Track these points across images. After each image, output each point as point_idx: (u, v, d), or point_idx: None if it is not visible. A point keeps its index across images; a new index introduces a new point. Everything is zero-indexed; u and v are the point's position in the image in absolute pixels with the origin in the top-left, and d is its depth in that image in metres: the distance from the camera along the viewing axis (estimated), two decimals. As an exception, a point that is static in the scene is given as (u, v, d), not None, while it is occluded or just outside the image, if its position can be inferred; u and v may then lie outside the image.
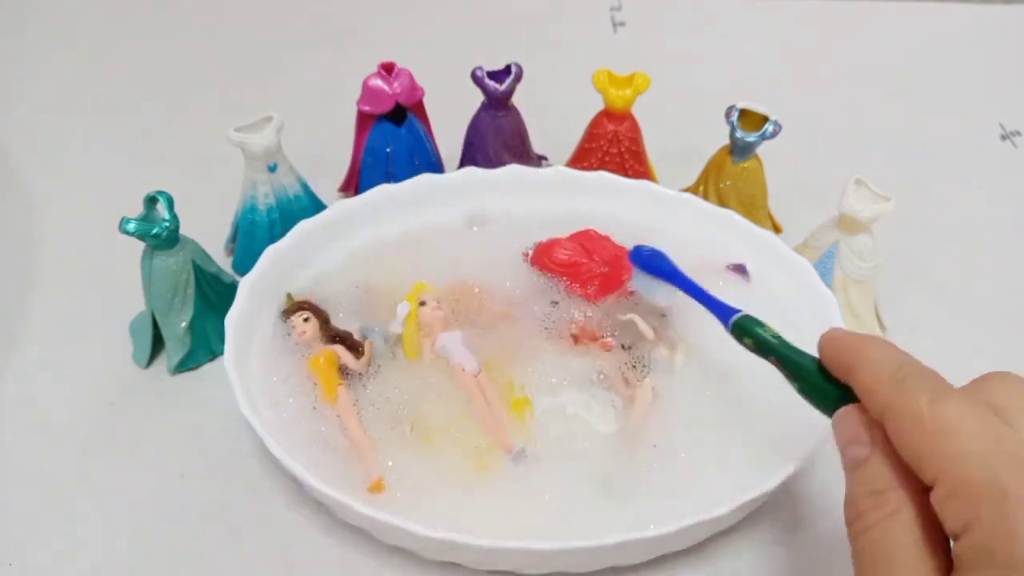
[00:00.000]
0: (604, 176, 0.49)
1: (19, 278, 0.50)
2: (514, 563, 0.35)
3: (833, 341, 0.29)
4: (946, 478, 0.23)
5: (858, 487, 0.26)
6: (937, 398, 0.24)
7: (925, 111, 0.66)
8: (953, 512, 0.23)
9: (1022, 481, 0.22)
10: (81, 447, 0.42)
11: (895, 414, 0.25)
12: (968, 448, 0.23)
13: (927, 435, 0.24)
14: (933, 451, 0.24)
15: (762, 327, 0.34)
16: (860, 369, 0.27)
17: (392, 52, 0.52)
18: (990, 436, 0.23)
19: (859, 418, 0.27)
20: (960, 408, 0.24)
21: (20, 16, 0.74)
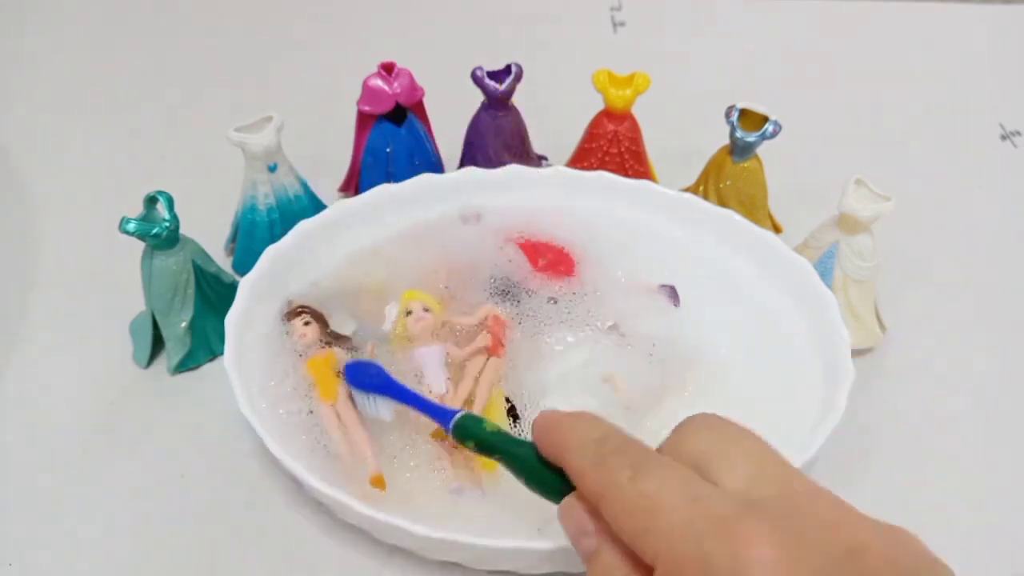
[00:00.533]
0: (604, 176, 0.49)
1: (19, 278, 0.50)
2: (514, 563, 0.35)
3: (543, 423, 0.29)
4: (661, 558, 0.23)
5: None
6: (637, 473, 0.24)
7: (925, 111, 0.66)
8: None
9: (722, 546, 0.22)
10: (81, 447, 0.42)
11: (603, 498, 0.25)
12: (672, 521, 0.23)
13: (635, 515, 0.24)
14: (642, 532, 0.23)
15: (482, 424, 0.32)
16: (567, 451, 0.27)
17: (392, 52, 0.52)
18: (690, 501, 0.23)
19: (582, 507, 0.26)
20: (659, 479, 0.24)
21: (20, 16, 0.74)
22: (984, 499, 0.41)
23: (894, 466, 0.41)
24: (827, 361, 0.40)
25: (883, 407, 0.44)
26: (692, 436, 0.26)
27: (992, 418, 0.44)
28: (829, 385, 0.39)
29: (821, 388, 0.40)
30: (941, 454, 0.42)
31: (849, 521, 0.23)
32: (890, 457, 0.42)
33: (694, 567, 0.22)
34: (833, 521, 0.23)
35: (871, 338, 0.46)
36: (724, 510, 0.23)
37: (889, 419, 0.44)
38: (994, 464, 0.42)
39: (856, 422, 0.41)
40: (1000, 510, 0.40)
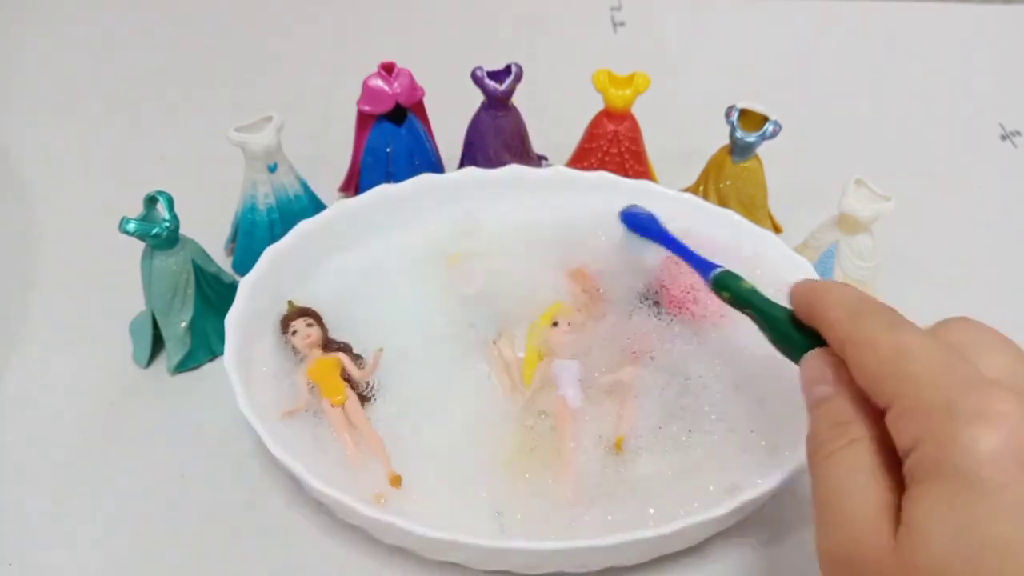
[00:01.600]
0: (604, 176, 0.49)
1: (19, 278, 0.50)
2: (514, 563, 0.35)
3: (802, 287, 0.30)
4: (899, 400, 0.24)
5: (821, 422, 0.27)
6: (893, 327, 0.26)
7: (925, 111, 0.66)
8: (903, 430, 0.24)
9: (969, 399, 0.22)
10: (81, 447, 0.42)
11: (854, 344, 0.26)
12: (920, 370, 0.24)
13: (883, 361, 0.25)
14: (888, 375, 0.25)
15: (739, 281, 0.35)
16: (822, 306, 0.28)
17: (392, 52, 0.52)
18: (941, 361, 0.24)
19: (824, 360, 0.28)
20: (914, 336, 0.25)
21: (20, 16, 0.74)
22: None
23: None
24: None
25: (883, 407, 0.44)
26: (950, 327, 0.27)
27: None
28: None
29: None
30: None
31: None
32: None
33: (934, 409, 0.23)
34: None
35: (871, 338, 0.46)
36: (975, 375, 0.24)
37: (889, 419, 0.44)
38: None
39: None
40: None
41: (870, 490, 0.24)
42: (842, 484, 0.25)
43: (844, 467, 0.25)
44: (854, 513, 0.24)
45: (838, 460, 0.25)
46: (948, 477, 0.22)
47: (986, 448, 0.21)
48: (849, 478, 0.25)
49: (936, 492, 0.22)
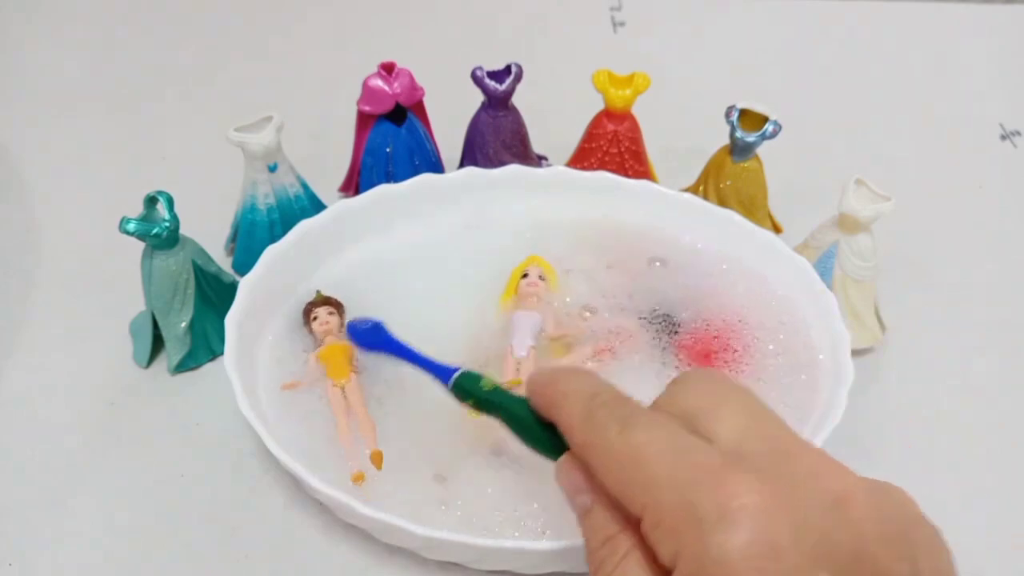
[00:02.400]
0: (604, 176, 0.49)
1: (19, 278, 0.50)
2: (514, 563, 0.35)
3: (535, 380, 0.28)
4: (647, 509, 0.23)
5: (591, 536, 0.25)
6: (625, 426, 0.24)
7: (925, 111, 0.66)
8: (660, 544, 0.23)
9: (710, 495, 0.22)
10: (81, 447, 0.42)
11: (591, 451, 0.25)
12: (659, 472, 0.23)
13: (622, 468, 0.24)
14: (629, 482, 0.24)
15: (479, 381, 0.32)
16: (559, 408, 0.27)
17: (392, 52, 0.52)
18: (678, 452, 0.23)
19: (576, 465, 0.26)
20: (647, 431, 0.24)
21: (20, 16, 0.74)
22: (985, 499, 0.41)
23: (894, 466, 0.41)
24: (827, 361, 0.40)
25: (883, 407, 0.44)
26: (685, 391, 0.26)
27: (992, 418, 0.44)
28: (829, 385, 0.39)
29: (821, 388, 0.40)
30: (941, 454, 0.42)
31: (837, 473, 0.23)
32: (890, 457, 0.42)
33: (679, 516, 0.22)
34: (820, 472, 0.23)
35: (871, 338, 0.46)
36: (710, 461, 0.23)
37: (889, 419, 0.44)
38: (994, 464, 0.42)
39: (856, 422, 0.41)
40: (1001, 510, 0.40)
41: None
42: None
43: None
44: None
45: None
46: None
47: (736, 554, 0.21)
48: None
49: None
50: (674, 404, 0.26)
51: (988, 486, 0.41)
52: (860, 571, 0.21)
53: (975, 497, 0.41)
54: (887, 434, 0.43)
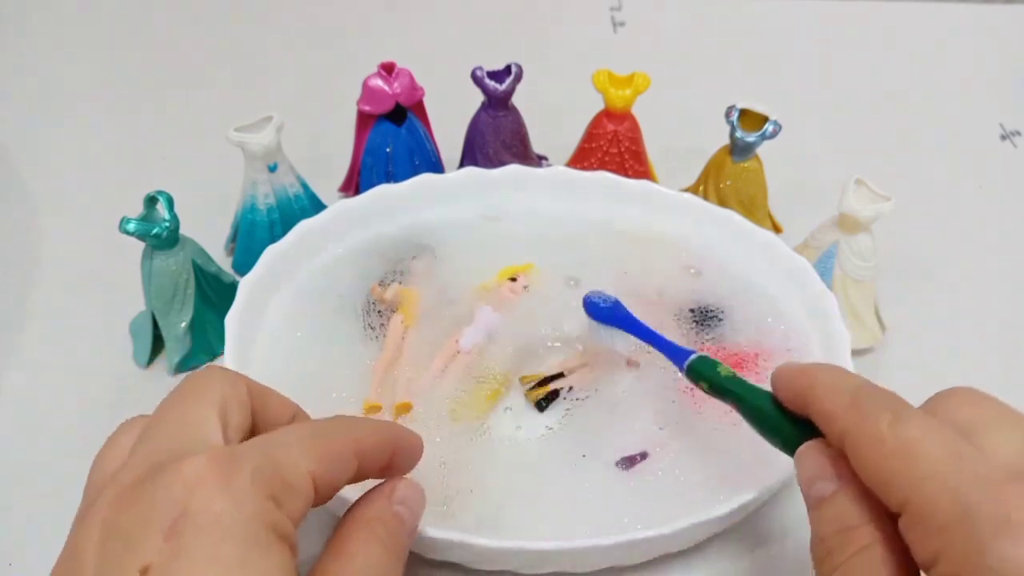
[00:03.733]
0: (604, 176, 0.49)
1: (19, 278, 0.50)
2: (514, 563, 0.35)
3: (785, 372, 0.28)
4: (912, 504, 0.22)
5: (826, 524, 0.25)
6: (898, 418, 0.24)
7: (925, 111, 0.66)
8: (921, 541, 0.22)
9: (990, 503, 0.21)
10: (81, 447, 0.41)
11: (856, 438, 0.24)
12: (932, 470, 0.22)
13: (890, 458, 0.23)
14: (897, 474, 0.23)
15: (716, 368, 0.32)
16: (816, 396, 0.26)
17: (392, 52, 0.52)
18: (954, 456, 0.22)
19: (822, 453, 0.26)
20: (922, 428, 0.23)
21: (20, 16, 0.74)
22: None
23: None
24: (827, 361, 0.40)
25: (883, 407, 0.44)
26: (954, 403, 0.25)
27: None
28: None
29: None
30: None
31: None
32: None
33: (950, 516, 0.21)
34: None
35: (871, 338, 0.46)
36: (992, 472, 0.22)
37: (889, 419, 0.44)
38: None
39: (856, 422, 0.41)
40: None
41: None
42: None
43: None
44: None
45: (850, 572, 0.23)
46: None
47: (1013, 568, 0.20)
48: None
49: None
50: (945, 412, 0.25)
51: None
52: None
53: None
54: (887, 434, 0.43)
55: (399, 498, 0.29)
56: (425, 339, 0.42)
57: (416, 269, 0.45)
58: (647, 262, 0.46)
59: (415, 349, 0.41)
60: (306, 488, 0.25)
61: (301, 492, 0.25)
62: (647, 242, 0.47)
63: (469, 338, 0.42)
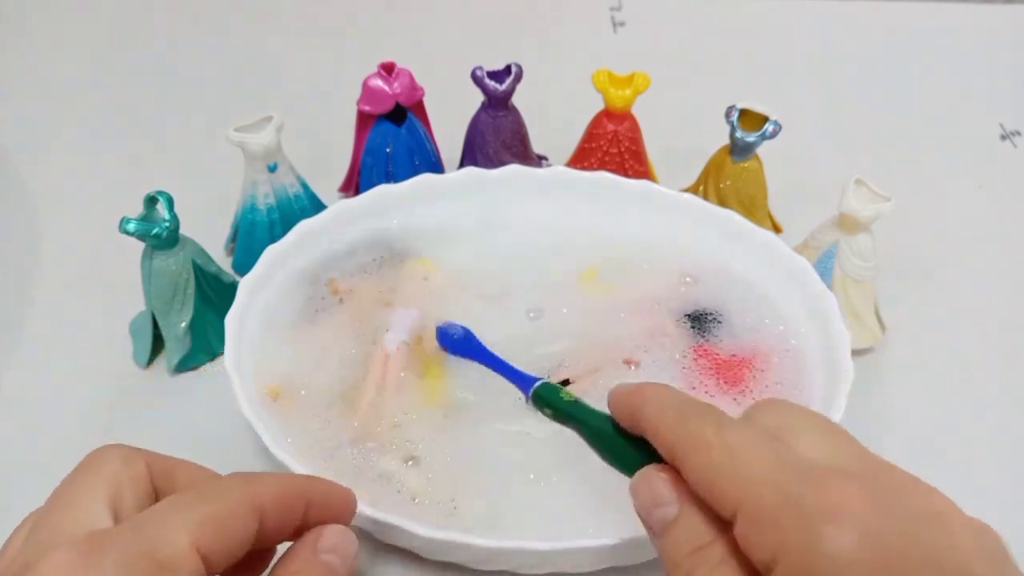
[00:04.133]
0: (604, 176, 0.49)
1: (19, 278, 0.50)
2: (514, 563, 0.35)
3: (619, 392, 0.29)
4: (743, 507, 0.23)
5: (676, 548, 0.25)
6: (721, 427, 0.24)
7: (925, 111, 0.66)
8: (758, 542, 0.22)
9: (815, 495, 0.22)
10: (81, 447, 0.41)
11: (684, 448, 0.25)
12: (758, 470, 0.23)
13: (718, 464, 0.24)
14: (726, 479, 0.23)
15: (558, 394, 0.33)
16: (645, 413, 0.27)
17: (392, 52, 0.52)
18: (774, 456, 0.23)
19: (660, 477, 0.26)
20: (743, 433, 0.24)
21: (20, 16, 0.74)
22: (985, 499, 0.40)
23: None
24: (827, 361, 0.40)
25: (883, 407, 0.44)
26: (765, 412, 0.26)
27: (992, 418, 0.44)
28: (829, 385, 0.39)
29: (821, 388, 0.39)
30: (941, 454, 0.42)
31: (930, 491, 0.23)
32: (890, 457, 0.41)
33: (782, 511, 0.22)
34: (915, 490, 0.23)
35: (871, 338, 0.46)
36: (810, 467, 0.23)
37: (889, 419, 0.44)
38: (995, 464, 0.42)
39: (856, 422, 0.41)
40: (1001, 510, 0.40)
41: None
42: None
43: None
44: None
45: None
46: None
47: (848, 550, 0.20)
48: None
49: None
50: (759, 420, 0.26)
51: (989, 486, 0.41)
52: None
53: (975, 497, 0.40)
54: (887, 434, 0.43)
55: (326, 546, 0.28)
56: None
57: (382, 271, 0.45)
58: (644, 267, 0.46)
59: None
60: (188, 563, 0.24)
61: (182, 569, 0.24)
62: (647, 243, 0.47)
63: (390, 338, 0.42)
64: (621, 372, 0.41)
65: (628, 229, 0.48)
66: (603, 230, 0.48)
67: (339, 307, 0.43)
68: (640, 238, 0.47)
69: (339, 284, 0.44)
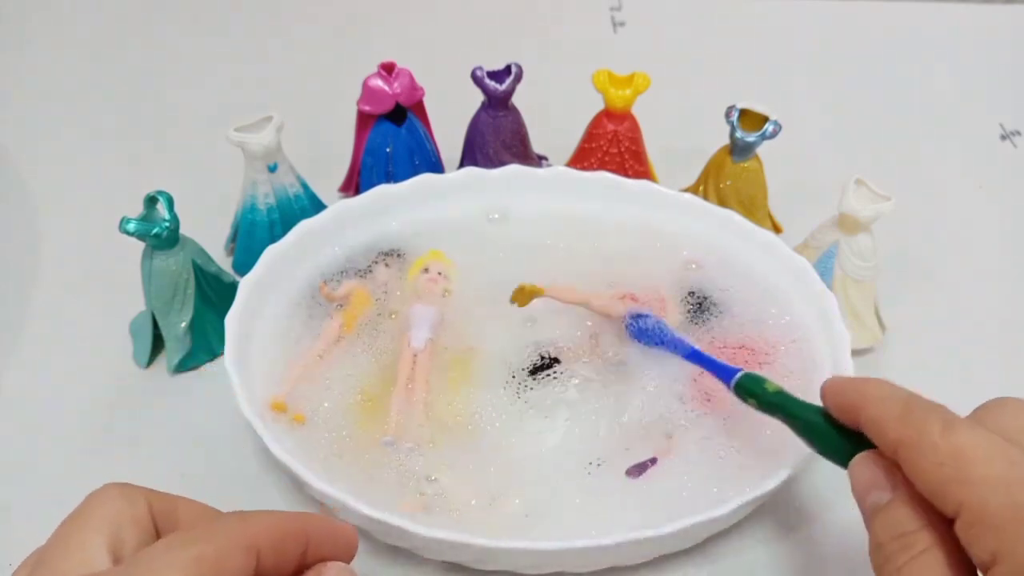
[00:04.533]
0: (604, 176, 0.49)
1: (20, 278, 0.50)
2: (514, 563, 0.35)
3: (835, 385, 0.29)
4: (967, 507, 0.23)
5: (883, 531, 0.26)
6: (948, 427, 0.25)
7: (925, 111, 0.66)
8: (979, 542, 0.23)
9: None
10: (81, 447, 0.42)
11: (908, 447, 0.25)
12: (985, 473, 0.23)
13: (943, 465, 0.24)
14: (951, 480, 0.24)
15: (763, 385, 0.33)
16: (867, 408, 0.27)
17: (392, 52, 0.52)
18: (1005, 460, 0.23)
19: (876, 463, 0.27)
20: (972, 434, 0.24)
21: (20, 16, 0.74)
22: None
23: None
24: (827, 361, 0.40)
25: (883, 407, 0.44)
26: (995, 412, 0.26)
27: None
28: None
29: (821, 388, 0.39)
30: (941, 454, 0.42)
31: None
32: (890, 457, 0.42)
33: (1006, 515, 0.22)
34: None
35: (871, 338, 0.46)
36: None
37: (889, 419, 0.44)
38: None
39: (856, 422, 0.41)
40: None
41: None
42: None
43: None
44: None
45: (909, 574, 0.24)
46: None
47: None
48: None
49: None
50: (993, 422, 0.26)
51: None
52: None
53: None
54: (887, 434, 0.43)
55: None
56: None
57: (380, 274, 0.45)
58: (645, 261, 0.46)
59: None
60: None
61: None
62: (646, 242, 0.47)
63: (417, 337, 0.42)
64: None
65: (628, 229, 0.48)
66: (603, 230, 0.48)
67: (338, 311, 0.43)
68: (640, 238, 0.47)
69: (338, 288, 0.44)
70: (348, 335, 0.42)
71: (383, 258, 0.46)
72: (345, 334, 0.42)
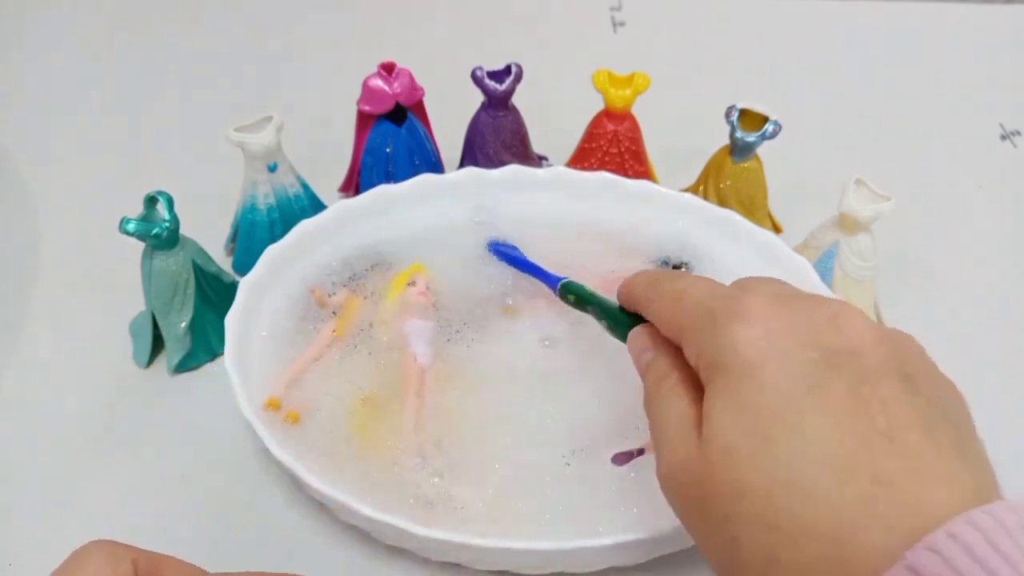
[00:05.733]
0: (604, 176, 0.49)
1: (20, 278, 0.50)
2: (514, 563, 0.35)
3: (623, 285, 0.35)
4: (684, 331, 0.29)
5: (649, 380, 0.31)
6: (675, 280, 0.31)
7: (925, 111, 0.66)
8: (688, 348, 0.28)
9: (726, 307, 0.27)
10: (81, 447, 0.42)
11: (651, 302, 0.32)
12: (692, 301, 0.29)
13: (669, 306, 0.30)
14: (675, 315, 0.30)
15: (582, 286, 0.39)
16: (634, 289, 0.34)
17: (392, 52, 0.52)
18: (707, 289, 0.29)
19: (644, 331, 0.32)
20: (689, 280, 0.31)
21: (20, 16, 0.74)
22: (984, 499, 0.41)
23: (894, 466, 0.41)
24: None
25: (883, 407, 0.44)
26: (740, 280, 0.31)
27: (992, 418, 0.44)
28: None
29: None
30: (941, 454, 0.42)
31: (837, 302, 0.27)
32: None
33: (702, 323, 0.27)
34: (822, 301, 0.27)
35: (871, 338, 0.46)
36: (734, 292, 0.28)
37: (889, 419, 0.43)
38: (994, 464, 0.42)
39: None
40: (1000, 510, 0.40)
41: (683, 414, 0.27)
42: (665, 418, 0.28)
43: (665, 405, 0.28)
44: (674, 436, 0.27)
45: (661, 401, 0.29)
46: (723, 370, 0.26)
47: (743, 337, 0.26)
48: (668, 410, 0.28)
49: (716, 386, 0.26)
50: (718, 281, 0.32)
51: (988, 486, 0.41)
52: (847, 363, 0.24)
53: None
54: (887, 434, 0.43)
55: None
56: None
57: (370, 280, 0.45)
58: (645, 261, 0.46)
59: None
60: None
61: None
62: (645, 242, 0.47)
63: (423, 353, 0.41)
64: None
65: (628, 229, 0.48)
66: (603, 230, 0.48)
67: (332, 316, 0.43)
68: (640, 238, 0.47)
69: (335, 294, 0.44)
70: (342, 340, 0.42)
71: (372, 268, 0.45)
72: (339, 338, 0.42)
